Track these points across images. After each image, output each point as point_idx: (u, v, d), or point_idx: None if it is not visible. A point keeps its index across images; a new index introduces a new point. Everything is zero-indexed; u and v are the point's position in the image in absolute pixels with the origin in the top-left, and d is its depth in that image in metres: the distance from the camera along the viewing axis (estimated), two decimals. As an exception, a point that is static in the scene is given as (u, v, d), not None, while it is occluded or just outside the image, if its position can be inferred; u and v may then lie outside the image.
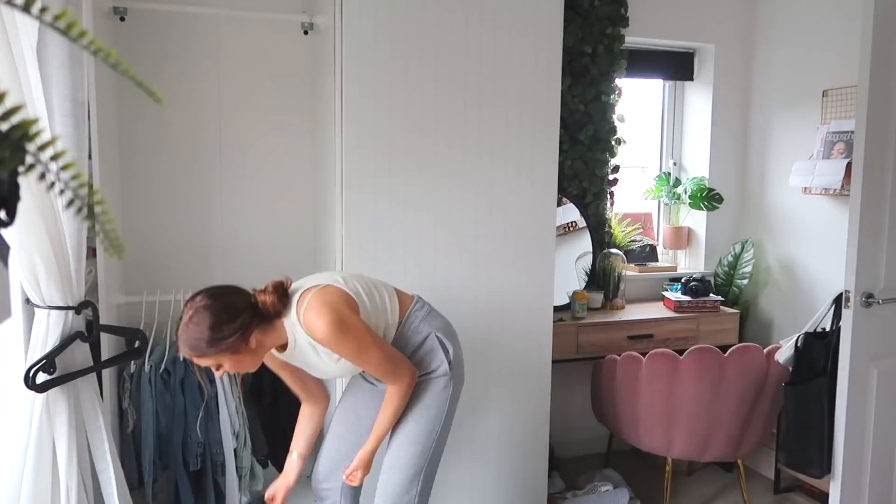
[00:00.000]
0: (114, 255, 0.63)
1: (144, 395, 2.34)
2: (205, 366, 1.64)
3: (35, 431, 1.60)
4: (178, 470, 2.39)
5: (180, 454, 2.39)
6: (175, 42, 2.67)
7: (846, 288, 2.32)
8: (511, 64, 2.50)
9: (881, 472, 2.49)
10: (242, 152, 2.80)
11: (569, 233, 3.43)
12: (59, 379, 1.61)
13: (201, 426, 2.38)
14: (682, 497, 3.14)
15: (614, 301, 3.41)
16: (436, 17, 2.38)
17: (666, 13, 3.52)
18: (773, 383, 2.72)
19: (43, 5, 0.56)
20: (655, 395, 2.78)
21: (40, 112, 1.46)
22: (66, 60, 1.49)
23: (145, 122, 2.65)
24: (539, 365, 2.68)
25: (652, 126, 3.89)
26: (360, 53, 2.31)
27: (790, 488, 3.19)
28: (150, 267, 2.67)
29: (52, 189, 0.57)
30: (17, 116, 0.54)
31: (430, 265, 2.48)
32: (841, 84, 3.16)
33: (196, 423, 2.38)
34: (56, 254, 1.54)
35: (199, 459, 2.41)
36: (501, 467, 2.67)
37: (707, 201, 3.60)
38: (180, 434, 2.38)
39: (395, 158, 2.40)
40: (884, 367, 2.41)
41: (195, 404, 2.39)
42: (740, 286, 3.54)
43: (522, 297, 2.61)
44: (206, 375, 2.34)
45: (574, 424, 3.49)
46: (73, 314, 1.63)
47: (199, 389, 2.39)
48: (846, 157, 3.05)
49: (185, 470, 2.40)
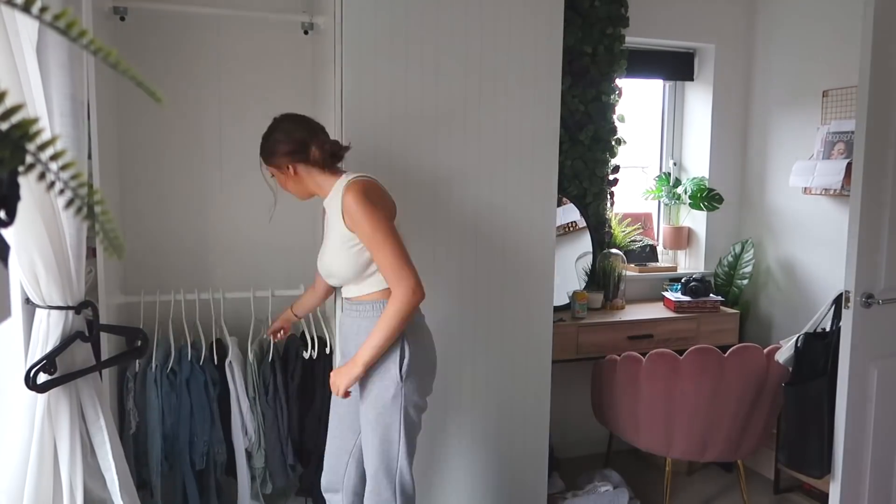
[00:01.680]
0: (113, 255, 0.63)
1: (150, 396, 2.34)
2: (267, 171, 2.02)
3: (37, 432, 1.60)
4: (186, 470, 2.39)
5: (187, 454, 2.39)
6: (175, 42, 2.67)
7: (846, 288, 2.32)
8: (511, 64, 2.50)
9: (881, 472, 2.49)
10: (242, 152, 2.80)
11: (569, 233, 3.43)
12: (60, 379, 1.61)
13: (207, 425, 2.39)
14: (681, 497, 3.14)
15: (614, 301, 3.41)
16: (436, 17, 2.38)
17: (666, 13, 3.52)
18: (773, 383, 2.72)
19: (43, 5, 0.56)
20: (655, 395, 2.78)
21: (40, 112, 1.46)
22: (66, 60, 1.49)
23: (145, 122, 2.65)
24: (539, 365, 2.67)
25: (652, 126, 3.89)
26: (360, 53, 2.31)
27: (790, 488, 3.19)
28: (150, 267, 2.67)
29: (51, 189, 0.57)
30: (16, 116, 0.54)
31: (430, 265, 2.48)
32: (841, 84, 3.16)
33: (202, 423, 2.39)
34: (56, 254, 1.54)
35: (205, 458, 2.41)
36: (501, 467, 2.67)
37: (707, 201, 3.60)
38: (187, 434, 2.38)
39: (395, 158, 2.40)
40: (884, 367, 2.41)
41: (201, 403, 2.39)
42: (740, 286, 3.54)
43: (522, 297, 2.61)
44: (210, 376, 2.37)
45: (574, 424, 3.49)
46: (73, 314, 1.63)
47: (206, 388, 2.40)
48: (846, 158, 3.05)
49: (192, 469, 2.40)
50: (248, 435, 2.43)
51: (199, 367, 2.39)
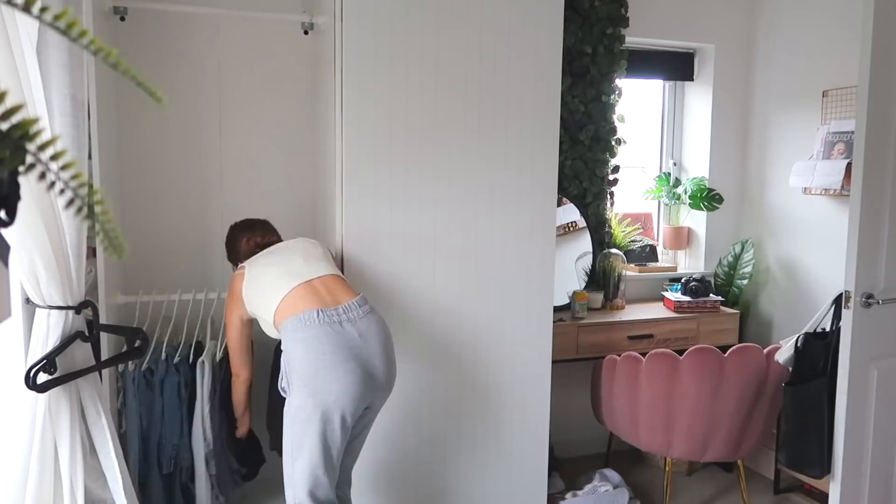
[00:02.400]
0: (114, 254, 0.63)
1: (129, 395, 2.31)
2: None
3: (38, 432, 1.60)
4: (152, 472, 2.35)
5: (155, 456, 2.35)
6: (175, 42, 2.67)
7: (846, 288, 2.32)
8: (511, 64, 2.50)
9: (881, 472, 2.49)
10: (242, 152, 2.80)
11: (569, 233, 3.43)
12: (60, 379, 1.61)
13: (177, 428, 2.35)
14: (681, 497, 3.14)
15: (614, 301, 3.41)
16: (436, 16, 2.38)
17: (666, 13, 3.52)
18: (773, 383, 2.72)
19: (43, 5, 0.56)
20: (655, 395, 2.78)
21: (40, 112, 1.46)
22: (66, 60, 1.49)
23: (145, 122, 2.65)
24: (539, 365, 2.67)
25: (652, 126, 3.89)
26: (360, 53, 2.31)
27: (790, 488, 3.19)
28: (150, 267, 2.67)
29: (52, 189, 0.57)
30: (17, 116, 0.54)
31: (430, 265, 2.48)
32: (841, 84, 3.16)
33: (171, 425, 2.34)
34: (56, 253, 1.54)
35: (172, 462, 2.36)
36: (501, 467, 2.67)
37: (707, 201, 3.60)
38: (157, 435, 2.35)
39: (395, 158, 2.40)
40: (884, 368, 2.41)
41: (172, 406, 2.35)
42: (740, 286, 3.54)
43: (522, 297, 2.61)
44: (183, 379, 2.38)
45: (574, 424, 3.48)
46: (73, 314, 1.63)
47: (178, 391, 2.36)
48: (846, 158, 3.05)
49: (159, 472, 2.36)
50: (206, 441, 2.35)
51: (175, 367, 2.35)
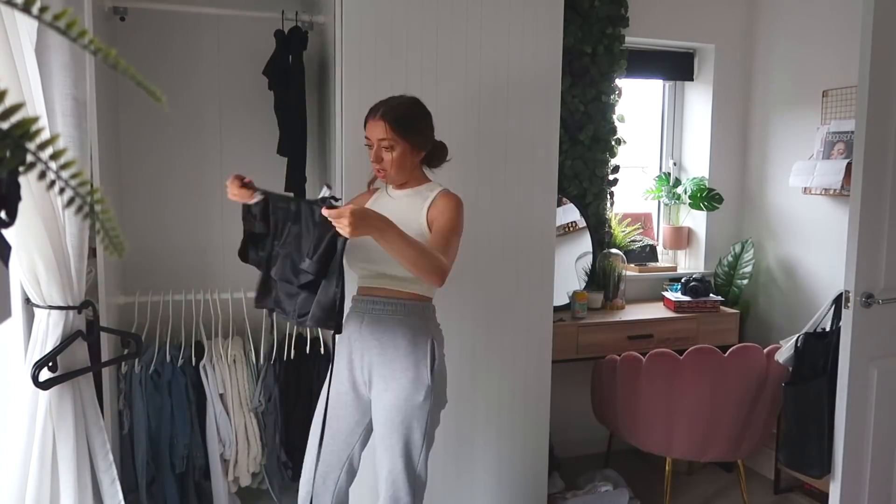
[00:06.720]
0: (114, 254, 0.63)
1: (136, 397, 2.33)
2: (371, 139, 1.89)
3: (39, 431, 1.60)
4: (165, 472, 2.38)
5: (167, 456, 2.37)
6: (175, 42, 2.67)
7: (846, 288, 2.32)
8: (511, 64, 2.50)
9: (881, 472, 2.49)
10: (242, 152, 2.80)
11: (569, 233, 3.43)
12: (63, 377, 1.61)
13: (188, 428, 2.37)
14: (682, 497, 3.14)
15: (614, 301, 3.41)
16: (436, 16, 2.38)
17: (666, 13, 3.52)
18: (773, 383, 2.72)
19: (43, 5, 0.56)
20: (655, 395, 2.78)
21: (40, 112, 1.46)
22: (67, 61, 1.50)
23: (145, 122, 2.65)
24: (539, 365, 2.67)
25: (652, 126, 3.89)
26: (359, 53, 2.31)
27: (790, 488, 3.19)
28: (150, 267, 2.67)
29: (52, 188, 0.57)
30: (17, 115, 0.54)
31: (430, 265, 2.48)
32: (841, 84, 3.16)
33: (182, 425, 2.37)
34: (56, 253, 1.54)
35: (185, 462, 2.39)
36: (501, 467, 2.67)
37: (707, 201, 3.60)
38: (168, 436, 2.37)
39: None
40: (884, 367, 2.41)
41: (182, 406, 2.37)
42: (740, 286, 3.54)
43: (522, 297, 2.61)
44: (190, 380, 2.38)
45: (574, 424, 3.48)
46: (73, 314, 1.63)
47: (186, 391, 2.38)
48: (846, 158, 3.05)
49: (172, 472, 2.39)
50: (221, 441, 2.39)
51: (180, 369, 2.37)
